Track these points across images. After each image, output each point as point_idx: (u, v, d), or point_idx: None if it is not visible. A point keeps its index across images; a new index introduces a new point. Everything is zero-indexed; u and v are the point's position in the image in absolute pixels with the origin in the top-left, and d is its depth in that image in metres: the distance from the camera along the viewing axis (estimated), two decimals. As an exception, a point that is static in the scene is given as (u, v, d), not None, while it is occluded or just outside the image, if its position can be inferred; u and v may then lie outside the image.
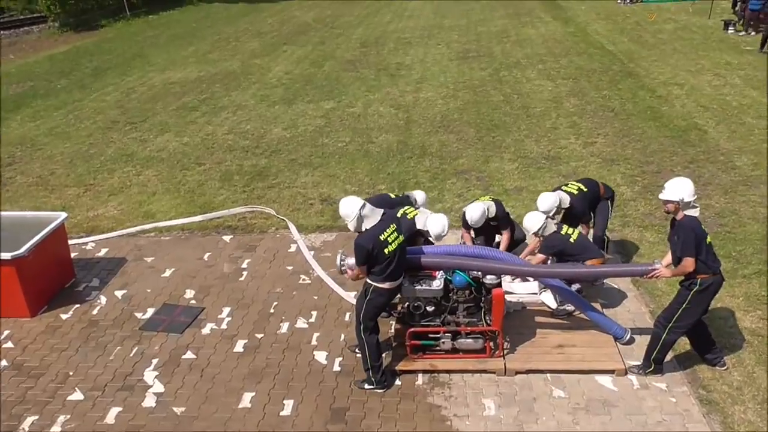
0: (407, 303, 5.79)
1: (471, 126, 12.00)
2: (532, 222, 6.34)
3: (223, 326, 6.54)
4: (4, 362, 6.09)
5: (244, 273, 7.49)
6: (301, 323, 6.54)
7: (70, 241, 7.61)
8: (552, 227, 6.25)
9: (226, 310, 6.81)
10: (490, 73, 15.56)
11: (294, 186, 9.81)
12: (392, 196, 6.81)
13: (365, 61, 17.53)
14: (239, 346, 6.22)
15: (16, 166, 11.20)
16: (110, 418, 5.37)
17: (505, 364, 5.67)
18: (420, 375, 5.70)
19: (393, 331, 6.19)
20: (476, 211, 6.49)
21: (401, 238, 5.31)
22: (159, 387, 5.71)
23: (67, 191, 10.02)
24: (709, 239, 5.13)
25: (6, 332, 6.47)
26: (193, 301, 7.00)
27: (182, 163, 10.99)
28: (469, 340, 5.70)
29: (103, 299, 7.09)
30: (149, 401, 5.55)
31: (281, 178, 10.14)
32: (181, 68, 17.99)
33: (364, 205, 5.21)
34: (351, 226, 5.25)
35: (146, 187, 10.06)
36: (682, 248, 5.05)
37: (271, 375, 5.81)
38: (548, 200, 6.53)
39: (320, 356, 6.02)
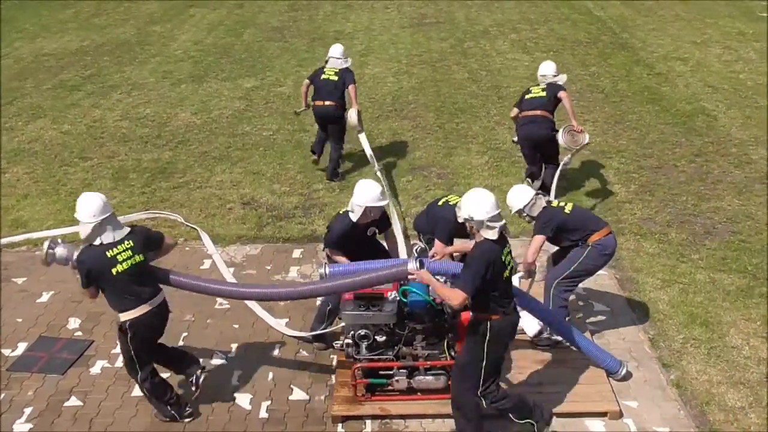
0: (351, 332, 5.86)
1: (430, 110, 12.24)
2: (519, 197, 6.42)
3: (118, 364, 6.45)
4: None
5: (144, 297, 7.43)
6: (217, 359, 6.55)
7: None
8: (542, 202, 6.42)
9: (122, 343, 6.75)
10: (451, 44, 15.89)
11: (207, 186, 9.80)
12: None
13: (295, 28, 17.62)
14: (138, 390, 6.12)
15: None
16: (-31, 486, 5.28)
17: (474, 404, 5.82)
18: (368, 421, 5.78)
19: (335, 366, 6.27)
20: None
21: (138, 258, 5.37)
22: (34, 444, 5.64)
23: None
24: (507, 273, 5.08)
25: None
26: (78, 333, 6.92)
27: (62, 158, 10.82)
28: (429, 378, 5.80)
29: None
30: (21, 463, 5.47)
31: (191, 175, 10.12)
32: (58, 36, 17.66)
33: (106, 219, 5.30)
34: (82, 232, 5.34)
35: (14, 189, 9.86)
36: (461, 279, 4.99)
37: (179, 424, 5.79)
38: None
39: (243, 400, 6.04)
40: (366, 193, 6.10)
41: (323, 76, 9.63)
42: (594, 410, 5.78)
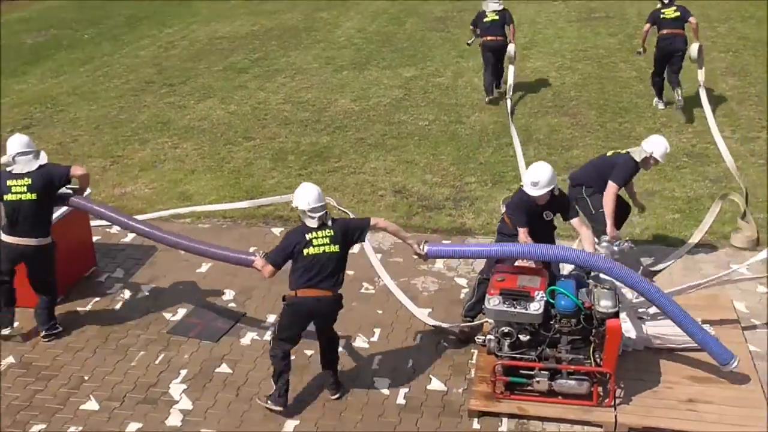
0: (495, 328, 5.87)
1: (592, 108, 11.91)
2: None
3: (267, 337, 6.80)
4: (11, 359, 6.61)
5: (295, 275, 7.76)
6: (360, 342, 6.75)
7: (92, 223, 8.12)
8: None
9: (271, 317, 7.10)
10: (620, 39, 15.33)
11: (361, 172, 10.06)
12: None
13: (458, 18, 17.60)
14: (285, 364, 6.48)
15: (34, 130, 11.99)
16: (128, 435, 5.76)
17: (616, 416, 5.65)
18: (505, 420, 5.77)
19: (475, 361, 6.30)
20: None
21: (30, 195, 6.37)
22: (186, 403, 6.05)
23: (91, 162, 10.66)
24: (311, 251, 5.66)
25: (15, 324, 6.99)
26: (232, 305, 7.35)
27: (227, 137, 11.45)
28: (572, 382, 5.72)
29: (126, 294, 7.55)
30: (174, 419, 5.89)
31: (346, 161, 10.42)
32: (230, 20, 18.65)
33: (31, 154, 6.49)
34: (2, 160, 6.59)
35: (183, 163, 10.56)
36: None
37: (320, 401, 6.04)
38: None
39: (381, 384, 6.20)
40: (528, 172, 6.16)
41: (486, 19, 12.06)
42: (746, 435, 5.46)
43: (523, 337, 5.78)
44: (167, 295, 7.50)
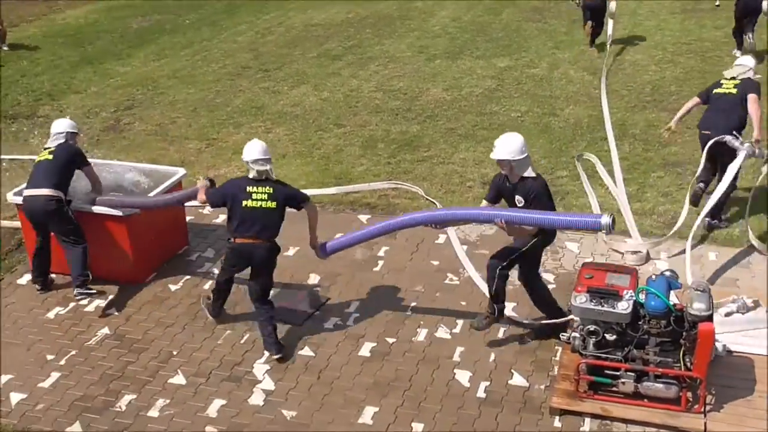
0: (580, 326, 5.76)
1: (693, 103, 11.46)
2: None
3: (349, 323, 6.90)
4: (106, 329, 6.93)
5: (380, 263, 7.82)
6: (442, 332, 6.73)
7: (187, 204, 8.35)
8: None
9: (355, 304, 7.18)
10: (727, 32, 14.64)
11: (450, 162, 10.01)
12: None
13: (556, 8, 17.28)
14: (365, 350, 6.54)
15: (136, 111, 12.47)
16: (212, 410, 5.94)
17: (705, 424, 5.48)
18: (587, 419, 5.67)
19: (558, 358, 6.21)
20: None
21: (48, 156, 7.15)
22: (269, 384, 6.19)
23: (188, 144, 11.02)
24: (249, 204, 6.21)
25: (110, 297, 7.32)
26: (317, 289, 7.45)
27: (318, 123, 11.60)
28: (659, 385, 5.57)
29: (216, 273, 7.74)
30: (256, 398, 6.04)
31: (435, 150, 10.38)
32: (327, 7, 18.83)
33: (61, 135, 7.29)
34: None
35: (275, 148, 10.72)
36: None
37: (399, 390, 6.06)
38: None
39: (462, 376, 6.17)
40: (497, 143, 6.23)
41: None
42: None
43: (610, 337, 5.67)
44: (255, 277, 7.66)
